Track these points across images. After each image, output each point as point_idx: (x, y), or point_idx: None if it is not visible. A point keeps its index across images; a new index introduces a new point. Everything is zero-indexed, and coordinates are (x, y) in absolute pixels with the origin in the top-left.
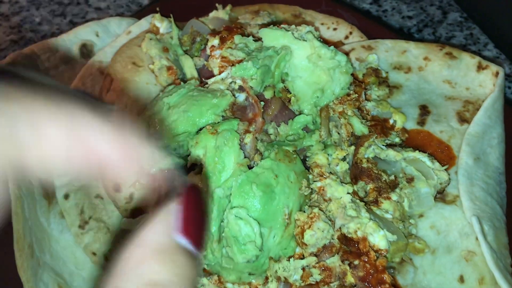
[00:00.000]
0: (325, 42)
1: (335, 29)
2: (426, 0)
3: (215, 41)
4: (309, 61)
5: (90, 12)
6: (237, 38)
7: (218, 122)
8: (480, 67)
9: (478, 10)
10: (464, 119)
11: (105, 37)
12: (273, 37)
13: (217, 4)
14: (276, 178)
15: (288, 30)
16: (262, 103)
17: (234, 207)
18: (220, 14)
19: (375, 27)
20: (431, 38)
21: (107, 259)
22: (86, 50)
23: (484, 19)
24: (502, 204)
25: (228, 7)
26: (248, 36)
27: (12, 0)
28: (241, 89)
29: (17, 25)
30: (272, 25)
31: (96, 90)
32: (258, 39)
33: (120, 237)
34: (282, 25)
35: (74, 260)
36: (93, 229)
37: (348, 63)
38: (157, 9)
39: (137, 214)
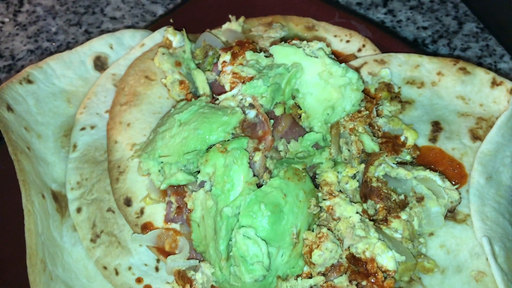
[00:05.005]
0: (338, 54)
1: (348, 41)
2: (442, 10)
3: (226, 57)
4: (320, 78)
5: (105, 21)
6: (248, 54)
7: (228, 140)
8: (494, 83)
9: (495, 20)
10: (477, 137)
11: (119, 49)
12: (284, 54)
13: (230, 16)
14: (285, 197)
15: (300, 47)
16: (272, 120)
17: (243, 226)
18: (233, 26)
19: (388, 39)
20: (446, 50)
21: None
22: (100, 63)
23: (501, 30)
24: None
25: (241, 19)
26: (260, 51)
27: (30, 10)
28: (252, 106)
29: (34, 34)
30: (283, 42)
31: (109, 103)
32: (270, 55)
33: None
34: (293, 41)
35: (86, 273)
36: (105, 243)
37: (359, 80)
38: (171, 20)
39: (147, 228)
